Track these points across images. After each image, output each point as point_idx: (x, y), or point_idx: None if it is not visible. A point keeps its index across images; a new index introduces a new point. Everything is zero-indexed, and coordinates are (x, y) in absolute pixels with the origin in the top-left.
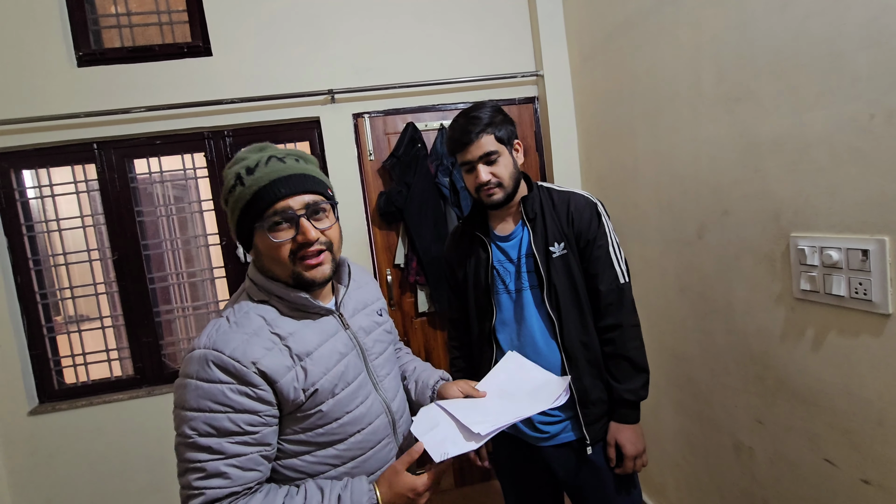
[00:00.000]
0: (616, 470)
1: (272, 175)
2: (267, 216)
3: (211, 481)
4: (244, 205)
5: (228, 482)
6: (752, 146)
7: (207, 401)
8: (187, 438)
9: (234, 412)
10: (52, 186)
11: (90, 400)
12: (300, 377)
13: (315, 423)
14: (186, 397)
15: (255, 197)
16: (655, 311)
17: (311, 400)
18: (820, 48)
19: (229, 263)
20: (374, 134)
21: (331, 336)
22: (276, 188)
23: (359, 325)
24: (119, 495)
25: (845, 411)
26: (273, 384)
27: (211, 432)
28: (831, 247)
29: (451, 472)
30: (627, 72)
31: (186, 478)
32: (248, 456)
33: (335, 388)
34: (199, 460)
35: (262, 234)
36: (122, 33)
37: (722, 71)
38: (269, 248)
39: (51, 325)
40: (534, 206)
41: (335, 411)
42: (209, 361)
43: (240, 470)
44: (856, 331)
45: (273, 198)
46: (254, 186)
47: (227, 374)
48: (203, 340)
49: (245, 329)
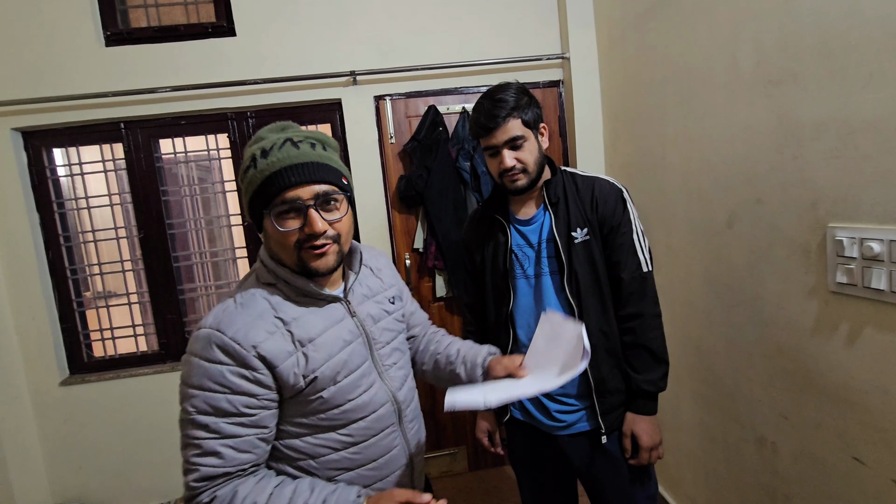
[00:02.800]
0: (630, 461)
1: (284, 161)
2: (275, 204)
3: (206, 459)
4: (255, 189)
5: (222, 462)
6: (791, 132)
7: (207, 380)
8: (188, 414)
9: (232, 393)
10: (82, 165)
11: (117, 373)
12: (301, 363)
13: (316, 409)
14: (189, 374)
15: (265, 182)
16: (680, 301)
17: (311, 386)
18: (873, 26)
19: (251, 244)
20: (396, 117)
21: (336, 323)
22: (286, 176)
23: (367, 312)
24: (146, 465)
25: (880, 409)
26: (272, 369)
27: (209, 411)
28: (873, 238)
29: (465, 456)
30: (659, 54)
31: (185, 452)
32: (243, 438)
33: (337, 375)
34: (197, 437)
35: (270, 220)
36: (148, 13)
37: (762, 52)
38: (276, 234)
39: (80, 299)
40: (556, 191)
41: (337, 398)
42: (211, 342)
43: (234, 451)
44: (895, 326)
45: (283, 185)
46: (266, 171)
47: (227, 356)
48: (209, 320)
49: (250, 312)
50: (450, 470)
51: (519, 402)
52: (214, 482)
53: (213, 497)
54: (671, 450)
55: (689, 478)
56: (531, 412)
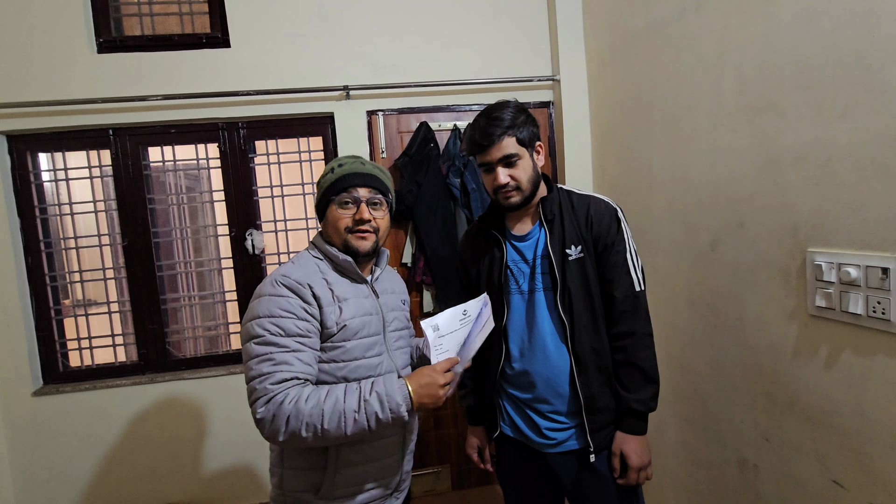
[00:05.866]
0: (619, 480)
1: (353, 170)
2: (340, 195)
3: (280, 367)
4: (329, 185)
5: (293, 368)
6: (772, 158)
7: (278, 308)
8: (260, 337)
9: (297, 319)
10: (67, 170)
11: (93, 384)
12: (337, 312)
13: (338, 357)
14: (259, 308)
15: (337, 181)
16: (664, 322)
17: (340, 333)
18: (848, 60)
19: (237, 255)
20: (388, 132)
21: (364, 297)
22: (352, 178)
23: (385, 301)
24: (118, 480)
25: (857, 432)
26: (321, 308)
27: (280, 332)
28: (850, 263)
29: (449, 474)
30: (646, 79)
31: (259, 367)
32: (305, 352)
33: (359, 332)
34: (270, 353)
35: (333, 207)
36: (142, 21)
37: (744, 81)
38: (334, 218)
39: (59, 307)
40: (552, 208)
41: (354, 351)
42: (277, 282)
43: (301, 362)
44: (872, 351)
45: (349, 184)
46: (339, 174)
47: (291, 291)
48: (274, 273)
49: (305, 268)
50: (433, 489)
51: (510, 419)
52: (287, 384)
53: (286, 395)
54: (656, 470)
55: (673, 499)
56: (521, 429)
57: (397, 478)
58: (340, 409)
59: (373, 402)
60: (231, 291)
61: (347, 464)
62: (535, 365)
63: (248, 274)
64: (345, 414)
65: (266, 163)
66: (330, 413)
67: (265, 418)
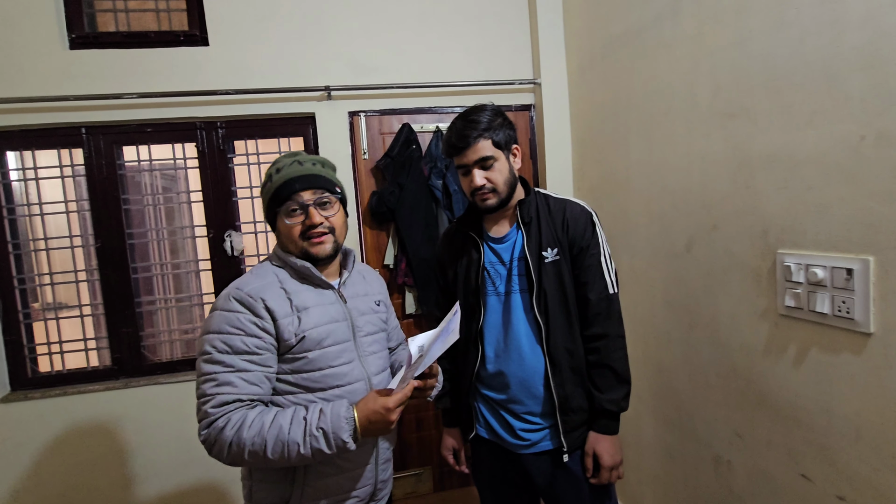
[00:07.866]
0: (591, 480)
1: (292, 174)
2: (285, 204)
3: (222, 388)
4: (271, 195)
5: (236, 390)
6: (743, 162)
7: (226, 324)
8: (208, 354)
9: (245, 335)
10: (37, 170)
11: (64, 389)
12: (295, 323)
13: (302, 368)
14: (212, 323)
15: (278, 189)
16: (641, 322)
17: (299, 345)
18: (815, 68)
19: (215, 256)
20: (370, 133)
21: (329, 303)
22: (292, 184)
23: (355, 305)
24: (89, 489)
25: (823, 428)
26: (275, 321)
27: (226, 350)
28: (817, 264)
29: (431, 476)
30: (624, 83)
31: (203, 387)
32: (253, 372)
33: (322, 341)
34: (215, 372)
35: (281, 217)
36: (117, 18)
37: (718, 86)
38: (285, 228)
39: (27, 311)
40: (530, 211)
41: (319, 361)
42: (230, 297)
43: (246, 382)
44: (837, 349)
45: (290, 190)
46: (278, 182)
47: (242, 306)
48: (230, 285)
49: (261, 278)
50: (414, 491)
51: (484, 421)
52: (228, 407)
53: (227, 420)
54: (632, 468)
55: (650, 496)
56: (496, 430)
57: (370, 487)
58: (284, 439)
59: (318, 437)
60: (209, 294)
61: (317, 475)
62: (510, 366)
63: (227, 275)
64: (288, 446)
65: (245, 163)
66: (273, 443)
67: (207, 440)
